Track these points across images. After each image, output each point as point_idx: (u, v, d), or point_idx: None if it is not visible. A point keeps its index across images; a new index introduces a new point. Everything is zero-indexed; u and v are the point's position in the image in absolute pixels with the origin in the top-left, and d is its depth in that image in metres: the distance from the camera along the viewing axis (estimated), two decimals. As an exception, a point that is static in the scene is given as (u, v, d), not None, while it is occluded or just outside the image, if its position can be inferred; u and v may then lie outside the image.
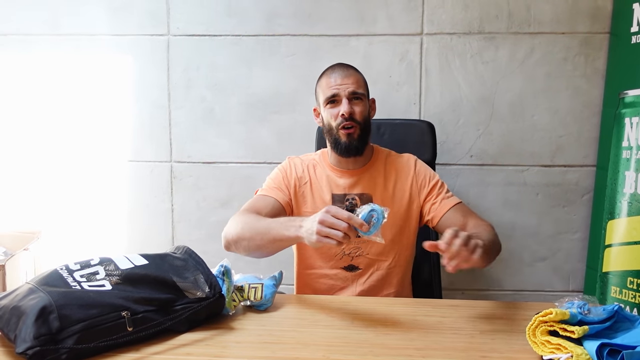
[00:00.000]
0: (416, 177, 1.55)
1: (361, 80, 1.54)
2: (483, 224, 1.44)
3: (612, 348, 0.87)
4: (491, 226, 1.44)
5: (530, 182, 2.07)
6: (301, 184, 1.56)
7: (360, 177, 1.55)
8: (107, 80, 2.16)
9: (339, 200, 1.53)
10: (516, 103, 2.04)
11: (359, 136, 1.49)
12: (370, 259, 1.51)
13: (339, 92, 1.49)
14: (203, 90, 2.14)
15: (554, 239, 2.09)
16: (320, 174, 1.57)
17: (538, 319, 0.96)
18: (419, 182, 1.54)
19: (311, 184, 1.56)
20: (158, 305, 1.07)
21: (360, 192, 1.54)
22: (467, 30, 2.03)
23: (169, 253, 1.21)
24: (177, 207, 2.20)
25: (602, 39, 1.99)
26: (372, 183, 1.54)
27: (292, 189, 1.56)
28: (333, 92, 1.49)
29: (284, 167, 1.60)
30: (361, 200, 1.52)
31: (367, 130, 1.53)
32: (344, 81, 1.50)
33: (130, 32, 2.13)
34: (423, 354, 1.00)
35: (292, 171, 1.58)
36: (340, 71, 1.52)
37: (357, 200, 1.52)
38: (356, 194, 1.53)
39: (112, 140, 2.19)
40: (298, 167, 1.58)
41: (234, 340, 1.08)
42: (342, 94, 1.49)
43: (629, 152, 1.46)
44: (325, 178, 1.56)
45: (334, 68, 1.54)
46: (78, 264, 1.09)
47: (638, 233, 1.44)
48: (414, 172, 1.55)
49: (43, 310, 0.94)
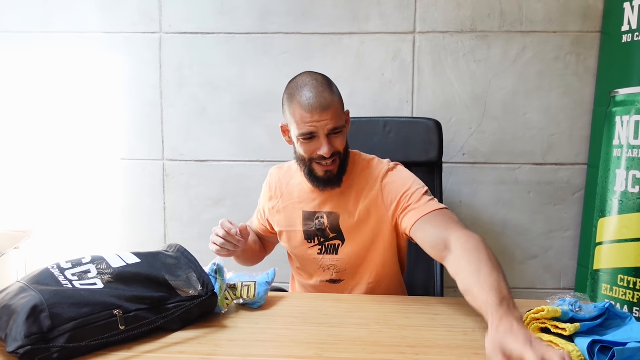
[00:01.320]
0: (382, 191, 1.40)
1: (339, 106, 1.36)
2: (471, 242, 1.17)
3: (603, 345, 0.87)
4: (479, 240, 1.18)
5: (522, 181, 2.08)
6: (274, 206, 1.53)
7: (331, 194, 1.44)
8: (99, 78, 2.15)
9: (308, 218, 1.46)
10: (508, 101, 2.05)
11: (339, 167, 1.38)
12: (352, 273, 1.47)
13: (317, 130, 1.31)
14: (195, 88, 2.13)
15: (545, 237, 2.10)
16: (293, 189, 1.50)
17: (530, 316, 0.96)
18: (385, 196, 1.40)
19: (283, 201, 1.51)
20: (150, 304, 1.06)
21: (329, 211, 1.44)
22: (460, 28, 2.03)
23: (162, 251, 1.21)
24: (169, 206, 2.19)
25: (594, 38, 2.00)
26: (343, 201, 1.43)
27: (267, 215, 1.58)
28: (310, 130, 1.31)
29: (264, 187, 1.60)
30: (328, 219, 1.44)
31: (346, 157, 1.41)
32: (322, 117, 1.30)
33: (122, 29, 2.12)
34: (416, 351, 1.00)
35: (265, 195, 1.58)
36: (318, 103, 1.30)
37: (324, 220, 1.44)
38: (325, 212, 1.44)
39: (104, 138, 2.17)
40: (272, 185, 1.55)
41: (226, 338, 1.08)
42: (322, 133, 1.32)
43: (619, 150, 1.46)
44: (298, 193, 1.49)
45: (310, 96, 1.31)
46: (70, 263, 1.09)
47: (629, 231, 1.45)
48: (380, 187, 1.41)
49: (34, 309, 0.94)
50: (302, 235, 1.48)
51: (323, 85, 1.34)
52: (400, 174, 1.43)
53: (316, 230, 1.46)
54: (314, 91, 1.32)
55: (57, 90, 2.16)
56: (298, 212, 1.48)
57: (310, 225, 1.47)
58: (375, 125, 1.87)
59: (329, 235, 1.46)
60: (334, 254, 1.46)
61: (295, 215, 1.48)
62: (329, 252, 1.46)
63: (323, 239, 1.46)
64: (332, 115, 1.31)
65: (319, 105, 1.30)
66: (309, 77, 1.36)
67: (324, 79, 1.37)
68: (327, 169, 1.37)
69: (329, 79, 1.38)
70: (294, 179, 1.51)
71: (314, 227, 1.46)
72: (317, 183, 1.40)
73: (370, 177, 1.44)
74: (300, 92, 1.33)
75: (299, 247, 1.49)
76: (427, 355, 0.99)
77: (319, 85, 1.33)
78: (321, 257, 1.47)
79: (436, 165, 1.83)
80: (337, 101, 1.35)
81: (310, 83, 1.34)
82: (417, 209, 1.34)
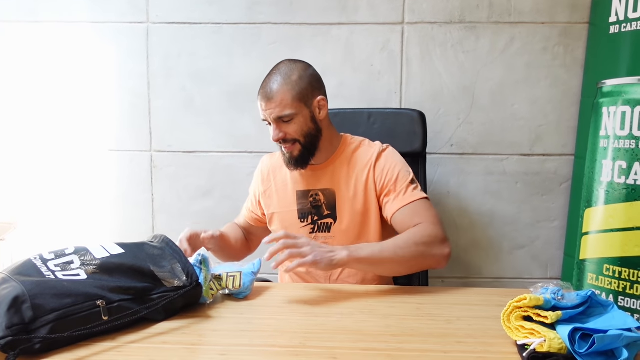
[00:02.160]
0: (374, 171, 1.48)
1: (288, 97, 1.42)
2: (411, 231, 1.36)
3: (584, 332, 0.88)
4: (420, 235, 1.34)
5: (509, 171, 2.09)
6: (266, 189, 1.60)
7: (323, 172, 1.52)
8: (86, 69, 2.13)
9: (302, 197, 1.53)
10: (496, 92, 2.05)
11: (301, 151, 1.46)
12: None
13: (266, 117, 1.45)
14: (183, 79, 2.12)
15: (532, 227, 2.11)
16: (286, 171, 1.57)
17: (512, 304, 0.97)
18: (376, 176, 1.48)
19: (276, 184, 1.59)
20: (134, 294, 1.06)
21: (323, 188, 1.52)
22: (448, 19, 2.03)
23: (146, 242, 1.21)
24: (157, 197, 2.18)
25: (581, 29, 2.00)
26: (337, 178, 1.51)
27: (259, 198, 1.63)
28: (262, 116, 1.46)
29: (255, 175, 1.67)
30: (324, 195, 1.51)
31: (311, 142, 1.47)
32: (268, 106, 1.43)
33: (109, 19, 2.10)
34: (399, 340, 1.01)
35: (258, 180, 1.64)
36: (264, 95, 1.43)
37: (320, 197, 1.51)
38: (320, 190, 1.52)
39: (92, 129, 2.16)
40: (264, 171, 1.63)
41: (211, 328, 1.08)
42: (269, 119, 1.44)
43: (606, 141, 1.47)
44: (292, 175, 1.56)
45: (263, 83, 1.45)
46: (52, 254, 1.08)
47: (614, 221, 1.46)
48: (373, 166, 1.49)
49: (16, 300, 0.93)
50: (296, 215, 1.54)
51: (280, 75, 1.43)
52: (391, 157, 1.52)
53: (311, 208, 1.52)
54: (267, 81, 1.44)
55: (43, 81, 2.13)
56: (291, 193, 1.55)
57: (304, 203, 1.53)
58: (359, 117, 1.87)
59: (324, 213, 1.51)
60: (327, 232, 1.51)
61: (289, 195, 1.55)
62: (322, 231, 1.52)
63: (317, 217, 1.52)
64: (275, 104, 1.41)
65: (265, 94, 1.43)
66: (276, 66, 1.47)
67: (286, 68, 1.45)
68: (287, 151, 1.47)
69: (295, 67, 1.46)
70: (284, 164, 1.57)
71: (309, 204, 1.52)
72: (285, 163, 1.51)
73: (362, 157, 1.52)
74: (261, 84, 1.46)
75: (291, 227, 1.53)
76: (410, 344, 0.99)
77: (275, 75, 1.44)
78: (314, 235, 1.52)
79: (420, 156, 1.84)
80: (286, 90, 1.42)
81: (272, 72, 1.46)
82: (400, 198, 1.44)
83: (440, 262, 1.36)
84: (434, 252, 1.34)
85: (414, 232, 1.35)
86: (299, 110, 1.43)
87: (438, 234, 1.36)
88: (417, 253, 1.32)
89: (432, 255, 1.34)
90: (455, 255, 2.13)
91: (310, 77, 1.47)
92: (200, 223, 2.16)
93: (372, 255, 1.29)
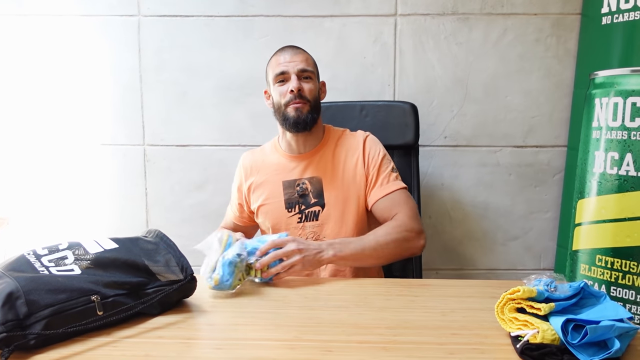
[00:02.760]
0: (363, 155, 1.55)
1: (310, 60, 1.56)
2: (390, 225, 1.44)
3: (577, 323, 0.89)
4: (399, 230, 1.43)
5: (503, 163, 2.10)
6: (252, 184, 1.62)
7: (310, 161, 1.57)
8: (77, 63, 2.11)
9: (289, 187, 1.56)
10: (489, 84, 2.06)
11: (308, 112, 1.51)
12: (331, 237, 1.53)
13: (288, 69, 1.50)
14: (175, 72, 2.11)
15: (526, 219, 2.13)
16: (270, 163, 1.60)
17: (506, 296, 0.97)
18: (365, 159, 1.55)
19: (260, 178, 1.61)
20: (129, 289, 1.06)
21: (310, 176, 1.56)
22: (441, 11, 2.03)
23: (140, 237, 1.20)
24: (151, 191, 2.18)
25: (574, 20, 2.01)
26: (322, 166, 1.56)
27: (245, 194, 1.64)
28: (282, 69, 1.51)
29: (237, 172, 1.68)
30: (311, 184, 1.54)
31: (317, 108, 1.55)
32: (293, 59, 1.51)
33: (99, 12, 2.08)
34: (394, 332, 1.01)
35: (241, 176, 1.65)
36: (290, 50, 1.54)
37: (307, 185, 1.54)
38: (306, 178, 1.56)
39: (84, 124, 2.14)
40: (246, 167, 1.64)
41: (206, 322, 1.08)
42: (291, 70, 1.50)
43: (598, 132, 1.48)
44: (276, 166, 1.59)
45: (284, 48, 1.56)
46: (46, 249, 1.07)
47: (607, 211, 1.47)
48: (362, 150, 1.56)
49: (10, 296, 0.93)
50: (283, 205, 1.55)
51: (297, 46, 1.57)
52: (375, 144, 1.59)
53: (298, 197, 1.55)
54: (289, 46, 1.57)
55: (33, 76, 2.12)
56: (277, 183, 1.57)
57: (291, 193, 1.55)
58: (352, 110, 1.88)
59: (310, 201, 1.54)
60: (315, 220, 1.54)
61: (275, 186, 1.58)
62: (310, 219, 1.54)
63: (304, 206, 1.54)
64: (302, 58, 1.52)
65: (290, 49, 1.54)
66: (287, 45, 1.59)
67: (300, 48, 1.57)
68: (297, 107, 1.49)
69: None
70: (269, 156, 1.61)
71: (296, 193, 1.54)
72: (289, 125, 1.52)
73: (348, 143, 1.58)
74: (278, 50, 1.56)
75: (278, 217, 1.56)
76: (405, 336, 1.00)
77: (293, 45, 1.58)
78: (301, 225, 1.54)
79: (412, 148, 1.85)
80: (310, 56, 1.56)
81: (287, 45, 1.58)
82: (382, 187, 1.52)
83: (415, 254, 1.48)
84: (410, 245, 1.44)
85: (393, 227, 1.43)
86: (316, 76, 1.56)
87: (414, 226, 1.45)
88: (396, 247, 1.41)
89: (409, 247, 1.44)
90: (449, 247, 2.14)
91: None
92: (194, 217, 2.16)
93: (355, 252, 1.36)
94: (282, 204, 1.56)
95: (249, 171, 1.63)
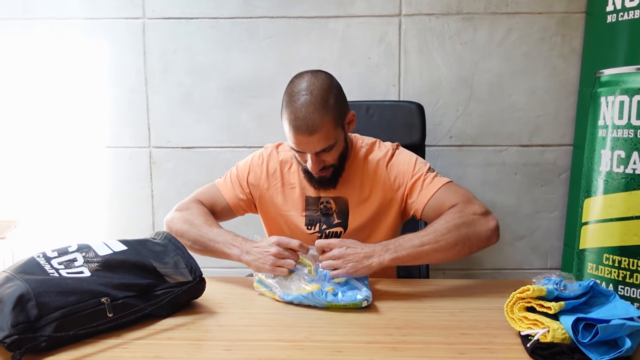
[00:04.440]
0: (389, 177, 1.42)
1: (331, 126, 1.29)
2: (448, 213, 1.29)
3: (587, 322, 0.88)
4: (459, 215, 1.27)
5: (509, 162, 2.09)
6: (270, 185, 1.48)
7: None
8: (82, 66, 2.12)
9: (312, 204, 1.45)
10: (494, 83, 2.05)
11: (332, 174, 1.38)
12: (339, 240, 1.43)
13: (305, 150, 1.31)
14: (180, 74, 2.11)
15: (532, 218, 2.12)
16: (294, 172, 1.47)
17: (516, 295, 0.97)
18: (392, 182, 1.41)
19: (283, 184, 1.47)
20: (138, 291, 1.06)
21: (335, 196, 1.43)
22: (446, 10, 2.03)
23: (149, 239, 1.21)
24: (157, 193, 2.18)
25: (579, 18, 2.00)
26: (350, 186, 1.43)
27: (257, 188, 1.49)
28: (299, 149, 1.32)
29: (253, 164, 1.51)
30: (336, 204, 1.44)
31: (342, 162, 1.40)
32: (309, 140, 1.28)
33: (104, 15, 2.09)
34: (403, 332, 1.01)
35: (261, 169, 1.49)
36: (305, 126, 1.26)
37: (331, 204, 1.44)
38: (331, 197, 1.44)
39: (90, 126, 2.15)
40: (270, 165, 1.48)
41: (215, 324, 1.08)
42: (310, 151, 1.31)
43: (604, 130, 1.47)
44: (299, 178, 1.46)
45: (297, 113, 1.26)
46: (56, 251, 1.08)
47: (613, 210, 1.46)
48: (386, 172, 1.42)
49: (21, 299, 0.93)
50: (304, 221, 1.45)
51: (316, 103, 1.26)
52: (403, 156, 1.45)
53: (321, 215, 1.44)
54: (304, 111, 1.26)
55: (39, 78, 2.12)
56: (299, 197, 1.45)
57: (314, 211, 1.45)
58: (358, 110, 1.85)
59: (333, 222, 1.44)
60: None
61: (296, 199, 1.46)
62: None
63: (325, 225, 1.44)
64: (319, 138, 1.28)
65: (306, 129, 1.26)
66: (305, 88, 1.28)
67: (320, 91, 1.28)
68: (320, 176, 1.38)
69: (327, 88, 1.30)
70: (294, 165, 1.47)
71: (319, 212, 1.44)
72: (313, 184, 1.41)
73: (374, 161, 1.44)
74: (292, 105, 1.28)
75: (296, 231, 1.46)
76: (414, 336, 1.00)
77: (310, 102, 1.26)
78: None
79: (419, 148, 1.84)
80: (329, 120, 1.28)
81: (303, 96, 1.27)
82: (424, 191, 1.37)
83: (490, 238, 1.29)
84: (478, 230, 1.26)
85: (451, 215, 1.28)
86: (339, 136, 1.33)
87: (476, 209, 1.29)
88: (460, 235, 1.24)
89: (477, 233, 1.26)
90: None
91: (340, 94, 1.35)
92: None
93: (413, 251, 1.22)
94: (302, 219, 1.45)
95: (272, 173, 1.48)
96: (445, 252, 1.24)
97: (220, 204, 1.50)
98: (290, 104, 1.28)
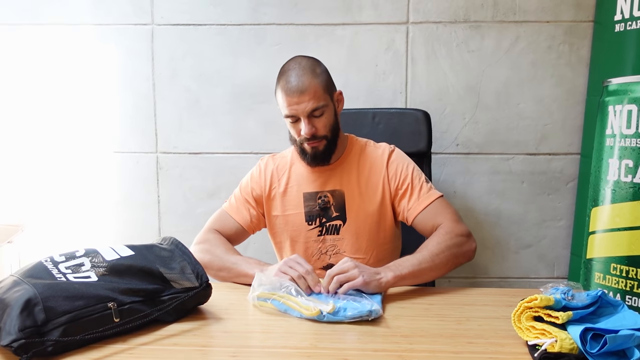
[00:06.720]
0: (387, 173, 1.50)
1: (319, 88, 1.41)
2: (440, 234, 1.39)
3: (595, 332, 0.88)
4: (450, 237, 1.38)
5: (515, 171, 2.09)
6: (271, 191, 1.55)
7: (332, 173, 1.52)
8: (91, 71, 2.13)
9: (310, 199, 1.51)
10: (502, 92, 2.05)
11: (325, 146, 1.45)
12: (352, 251, 1.51)
13: (297, 113, 1.40)
14: (188, 80, 2.12)
15: (539, 227, 2.11)
16: (291, 173, 1.54)
17: (523, 305, 0.97)
18: (389, 177, 1.50)
19: (281, 188, 1.54)
20: (145, 296, 1.06)
21: (332, 189, 1.51)
22: (453, 19, 2.03)
23: (155, 244, 1.21)
24: (163, 199, 2.19)
25: (587, 27, 2.00)
26: (345, 179, 1.51)
27: (262, 198, 1.56)
28: (291, 112, 1.41)
29: (254, 177, 1.58)
30: (333, 197, 1.50)
31: (334, 137, 1.47)
32: (300, 99, 1.38)
33: (113, 21, 2.10)
34: (410, 340, 1.01)
35: (261, 179, 1.56)
36: (296, 87, 1.38)
37: (329, 198, 1.50)
38: (328, 191, 1.51)
39: (97, 131, 2.16)
40: (267, 173, 1.56)
41: (221, 330, 1.08)
42: (301, 114, 1.40)
43: (612, 140, 1.47)
44: (297, 176, 1.54)
45: (289, 79, 1.40)
46: (63, 256, 1.08)
47: (621, 220, 1.46)
48: (385, 167, 1.50)
49: (28, 303, 0.94)
50: (303, 217, 1.52)
51: (304, 69, 1.41)
52: (401, 157, 1.54)
53: (319, 210, 1.51)
54: (294, 75, 1.40)
55: (48, 83, 2.14)
56: (298, 195, 1.52)
57: (312, 206, 1.51)
58: (364, 117, 1.88)
59: (332, 215, 1.50)
60: (335, 234, 1.51)
61: (294, 197, 1.53)
62: (330, 233, 1.51)
63: (325, 219, 1.51)
64: (309, 97, 1.39)
65: (296, 88, 1.38)
66: (294, 62, 1.44)
67: (308, 62, 1.44)
68: (313, 146, 1.44)
69: (314, 62, 1.46)
70: (292, 165, 1.56)
71: (317, 206, 1.50)
72: (308, 161, 1.48)
73: (371, 157, 1.53)
74: (283, 77, 1.42)
75: (298, 229, 1.53)
76: (420, 345, 0.99)
77: (299, 69, 1.41)
78: (322, 237, 1.51)
79: (425, 156, 1.85)
80: (317, 83, 1.41)
81: (293, 67, 1.42)
82: (419, 200, 1.47)
83: (471, 258, 1.43)
84: (463, 250, 1.40)
85: (442, 235, 1.39)
86: (328, 102, 1.44)
87: (463, 231, 1.41)
88: (451, 255, 1.36)
89: (463, 252, 1.40)
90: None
91: (328, 72, 1.49)
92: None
93: (414, 270, 1.31)
94: (302, 216, 1.52)
95: (269, 178, 1.55)
96: (438, 270, 1.36)
97: (233, 227, 1.55)
98: (282, 78, 1.43)
